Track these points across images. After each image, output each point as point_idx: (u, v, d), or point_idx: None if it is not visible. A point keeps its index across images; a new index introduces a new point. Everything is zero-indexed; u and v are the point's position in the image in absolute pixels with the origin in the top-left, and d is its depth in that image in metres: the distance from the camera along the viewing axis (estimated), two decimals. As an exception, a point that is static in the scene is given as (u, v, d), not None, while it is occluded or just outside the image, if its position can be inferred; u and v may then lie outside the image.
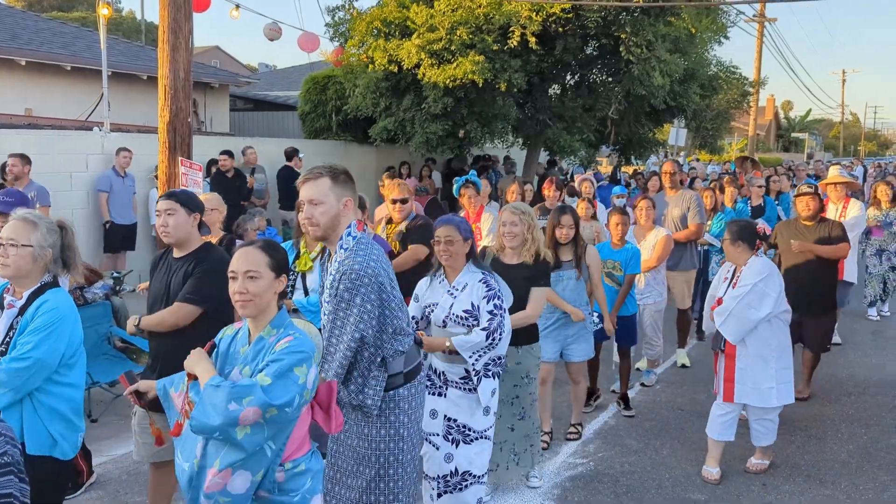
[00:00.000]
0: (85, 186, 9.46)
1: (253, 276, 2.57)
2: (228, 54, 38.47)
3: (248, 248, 2.66)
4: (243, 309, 2.59)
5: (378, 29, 11.97)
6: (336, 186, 3.03)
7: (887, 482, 4.79)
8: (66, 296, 3.10)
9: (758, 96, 24.94)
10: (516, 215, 4.36)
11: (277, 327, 2.61)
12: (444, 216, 3.91)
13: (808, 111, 59.80)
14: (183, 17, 6.66)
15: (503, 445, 4.45)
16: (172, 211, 3.64)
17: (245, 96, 19.58)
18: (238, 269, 2.60)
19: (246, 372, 2.56)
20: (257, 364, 2.53)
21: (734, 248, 4.77)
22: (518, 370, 4.42)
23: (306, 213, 3.03)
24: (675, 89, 13.61)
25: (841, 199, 7.69)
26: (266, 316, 2.62)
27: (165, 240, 3.69)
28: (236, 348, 2.66)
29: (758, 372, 4.70)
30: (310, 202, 3.01)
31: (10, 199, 4.36)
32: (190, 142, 6.87)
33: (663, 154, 22.33)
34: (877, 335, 8.59)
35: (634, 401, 6.17)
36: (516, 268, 4.38)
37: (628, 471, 4.93)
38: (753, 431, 4.91)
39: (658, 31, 11.89)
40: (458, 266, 3.78)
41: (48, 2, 41.68)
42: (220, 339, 2.75)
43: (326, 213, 3.01)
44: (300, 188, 3.06)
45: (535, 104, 13.04)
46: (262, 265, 2.60)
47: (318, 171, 3.04)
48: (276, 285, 2.64)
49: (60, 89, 13.14)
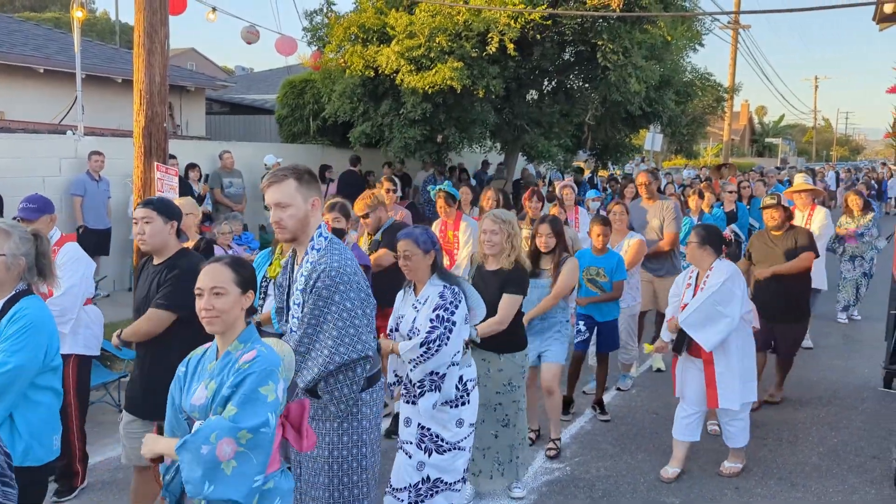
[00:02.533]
0: (58, 191, 9.34)
1: (219, 293, 2.57)
2: (204, 56, 38.23)
3: (214, 265, 2.65)
4: (210, 325, 2.58)
5: (355, 34, 11.98)
6: (302, 187, 3.02)
7: (856, 485, 4.88)
8: (41, 303, 3.08)
9: (732, 102, 25.27)
10: (497, 223, 4.38)
11: (245, 342, 2.61)
12: (405, 229, 3.88)
13: (782, 116, 60.75)
14: (159, 21, 6.61)
15: (486, 452, 4.43)
16: (149, 219, 3.64)
17: (221, 100, 19.47)
18: (204, 285, 2.59)
19: (211, 386, 2.54)
20: (223, 378, 2.52)
21: (701, 251, 4.80)
22: (500, 377, 4.42)
23: (274, 217, 3.01)
24: (650, 96, 13.78)
25: (807, 206, 7.80)
26: (233, 332, 2.62)
27: (143, 248, 3.71)
28: (204, 365, 2.66)
29: (735, 374, 4.77)
30: (277, 206, 3.00)
31: (33, 205, 4.32)
32: (166, 147, 6.82)
33: (640, 159, 22.56)
34: (847, 339, 8.74)
35: (610, 405, 6.23)
36: (494, 274, 4.43)
37: (604, 475, 4.97)
38: (727, 433, 4.98)
39: (634, 39, 12.02)
40: (421, 279, 3.78)
41: (20, 2, 41.14)
42: (188, 361, 2.73)
43: (294, 216, 3.00)
44: (265, 192, 3.04)
45: (513, 110, 13.11)
46: (228, 282, 2.59)
47: (283, 174, 3.01)
48: (243, 301, 2.63)
49: (33, 92, 12.97)
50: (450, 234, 6.82)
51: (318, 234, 3.07)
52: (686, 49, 16.21)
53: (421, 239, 3.72)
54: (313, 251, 3.03)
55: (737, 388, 4.77)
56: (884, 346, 7.10)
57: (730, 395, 4.77)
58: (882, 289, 8.81)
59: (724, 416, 4.93)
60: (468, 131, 12.46)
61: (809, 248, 6.10)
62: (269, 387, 2.46)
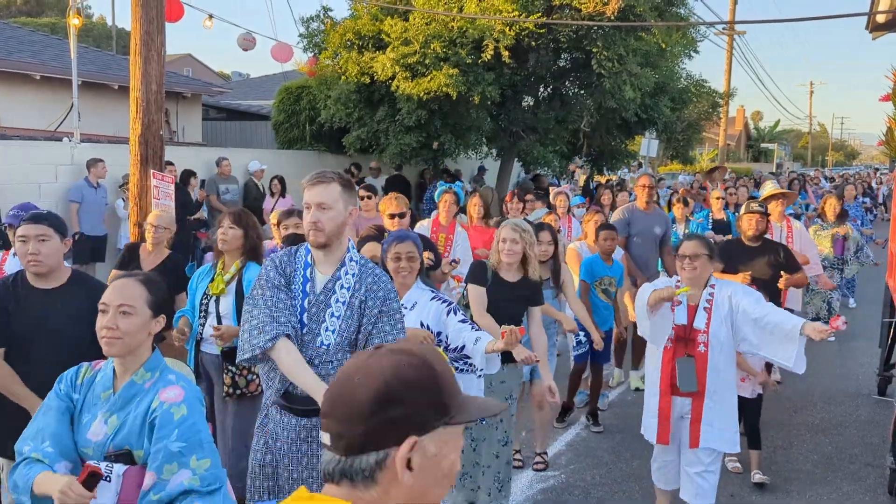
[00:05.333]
0: (54, 197, 9.34)
1: (126, 312, 2.29)
2: (201, 62, 38.19)
3: (126, 280, 2.38)
4: (109, 347, 2.29)
5: (351, 41, 12.02)
6: (345, 193, 2.86)
7: (851, 492, 4.90)
8: None
9: (727, 108, 25.37)
10: (517, 233, 4.31)
11: (152, 371, 2.34)
12: (398, 231, 3.86)
13: (777, 122, 60.78)
14: (155, 29, 6.64)
15: (486, 470, 4.34)
16: (45, 236, 3.14)
17: (218, 105, 19.48)
18: (110, 301, 2.31)
19: (113, 422, 2.28)
20: (129, 413, 2.28)
21: (711, 265, 4.09)
22: (502, 389, 4.31)
23: (312, 217, 2.81)
24: (646, 102, 13.83)
25: (782, 217, 6.92)
26: (137, 357, 2.34)
27: (34, 270, 3.14)
28: (96, 392, 2.34)
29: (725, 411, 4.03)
30: (319, 206, 2.81)
31: (24, 213, 4.28)
32: (162, 154, 6.84)
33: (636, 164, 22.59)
34: (842, 346, 8.78)
35: (605, 413, 6.24)
36: (517, 286, 4.33)
37: (599, 482, 4.99)
38: (697, 488, 4.04)
39: (629, 46, 12.09)
40: (410, 283, 3.74)
41: (16, 7, 41.15)
42: (80, 383, 2.40)
43: (334, 220, 2.82)
44: (307, 190, 2.85)
45: (509, 116, 13.16)
46: (138, 300, 2.33)
47: (330, 176, 2.86)
48: (153, 325, 2.37)
49: (29, 99, 12.97)
50: (441, 237, 6.74)
51: (353, 247, 2.96)
52: (681, 56, 16.27)
53: (418, 242, 3.76)
54: (353, 263, 2.91)
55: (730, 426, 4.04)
56: (878, 353, 7.13)
57: (715, 436, 3.99)
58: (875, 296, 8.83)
59: (697, 465, 4.05)
60: (464, 138, 12.51)
61: (798, 268, 5.57)
62: (206, 427, 2.30)
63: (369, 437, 1.18)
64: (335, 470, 1.20)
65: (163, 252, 5.08)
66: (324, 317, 2.87)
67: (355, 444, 1.18)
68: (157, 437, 2.21)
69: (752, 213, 5.53)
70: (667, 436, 4.05)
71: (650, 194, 6.99)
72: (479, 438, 4.30)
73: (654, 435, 4.10)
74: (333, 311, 2.87)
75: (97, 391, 2.34)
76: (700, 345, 3.99)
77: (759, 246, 5.51)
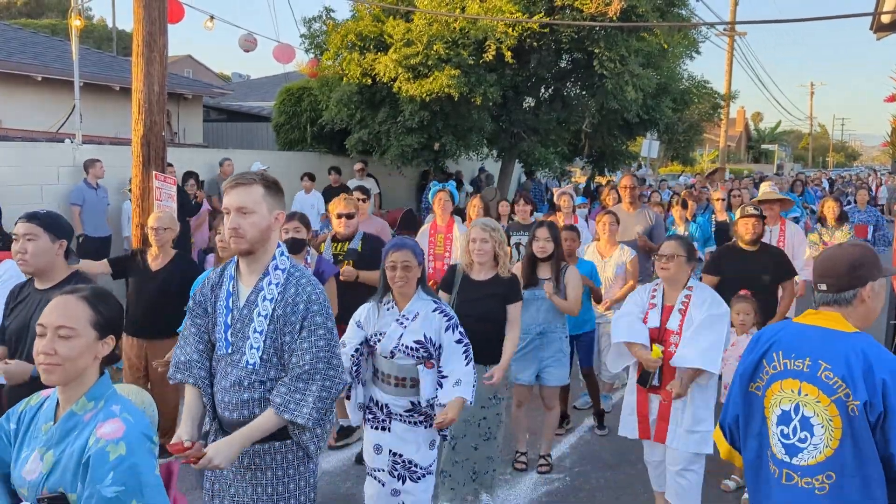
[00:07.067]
0: (56, 199, 9.32)
1: (66, 336, 2.01)
2: (202, 63, 38.20)
3: (65, 298, 2.08)
4: (48, 374, 2.00)
5: (353, 42, 12.01)
6: (269, 196, 2.67)
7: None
8: None
9: (728, 109, 25.35)
10: (486, 231, 4.34)
11: (95, 399, 2.05)
12: (396, 239, 3.71)
13: (778, 123, 60.80)
14: (158, 30, 6.61)
15: (464, 463, 4.33)
16: (32, 236, 3.17)
17: (219, 107, 19.48)
18: (48, 323, 2.02)
19: (48, 458, 1.99)
20: (64, 449, 1.99)
21: (688, 267, 4.12)
22: (485, 390, 4.24)
23: (232, 223, 2.61)
24: (647, 103, 13.82)
25: (777, 220, 6.86)
26: (80, 385, 2.05)
27: (23, 268, 3.24)
28: (38, 425, 2.08)
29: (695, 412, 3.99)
30: (238, 210, 2.61)
31: None
32: (164, 156, 6.81)
33: (636, 165, 22.58)
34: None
35: (609, 416, 6.21)
36: (489, 284, 4.36)
37: (604, 486, 4.97)
38: (677, 486, 4.06)
39: (631, 46, 12.07)
40: (409, 293, 3.59)
41: (17, 8, 41.14)
42: (20, 414, 2.15)
43: (257, 225, 2.62)
44: (227, 194, 2.65)
45: (510, 117, 13.15)
46: (80, 321, 2.05)
47: (251, 178, 2.66)
48: (99, 348, 2.08)
49: (31, 100, 12.96)
50: (440, 238, 6.72)
51: (280, 253, 2.72)
52: (682, 57, 16.28)
53: (417, 250, 3.64)
54: (277, 271, 2.68)
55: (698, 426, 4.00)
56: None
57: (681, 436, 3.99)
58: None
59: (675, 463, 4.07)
60: (465, 139, 12.49)
61: (791, 272, 5.53)
62: (151, 468, 1.99)
63: (851, 283, 2.42)
64: (831, 300, 2.46)
65: (169, 252, 5.10)
66: (248, 333, 2.65)
67: (844, 286, 2.43)
68: (90, 479, 1.92)
69: (748, 216, 5.45)
70: (647, 432, 4.12)
71: (632, 195, 7.00)
72: (458, 436, 4.28)
73: (635, 431, 4.17)
74: (255, 326, 2.65)
75: (39, 423, 2.07)
76: (672, 345, 3.99)
77: (757, 251, 5.46)
